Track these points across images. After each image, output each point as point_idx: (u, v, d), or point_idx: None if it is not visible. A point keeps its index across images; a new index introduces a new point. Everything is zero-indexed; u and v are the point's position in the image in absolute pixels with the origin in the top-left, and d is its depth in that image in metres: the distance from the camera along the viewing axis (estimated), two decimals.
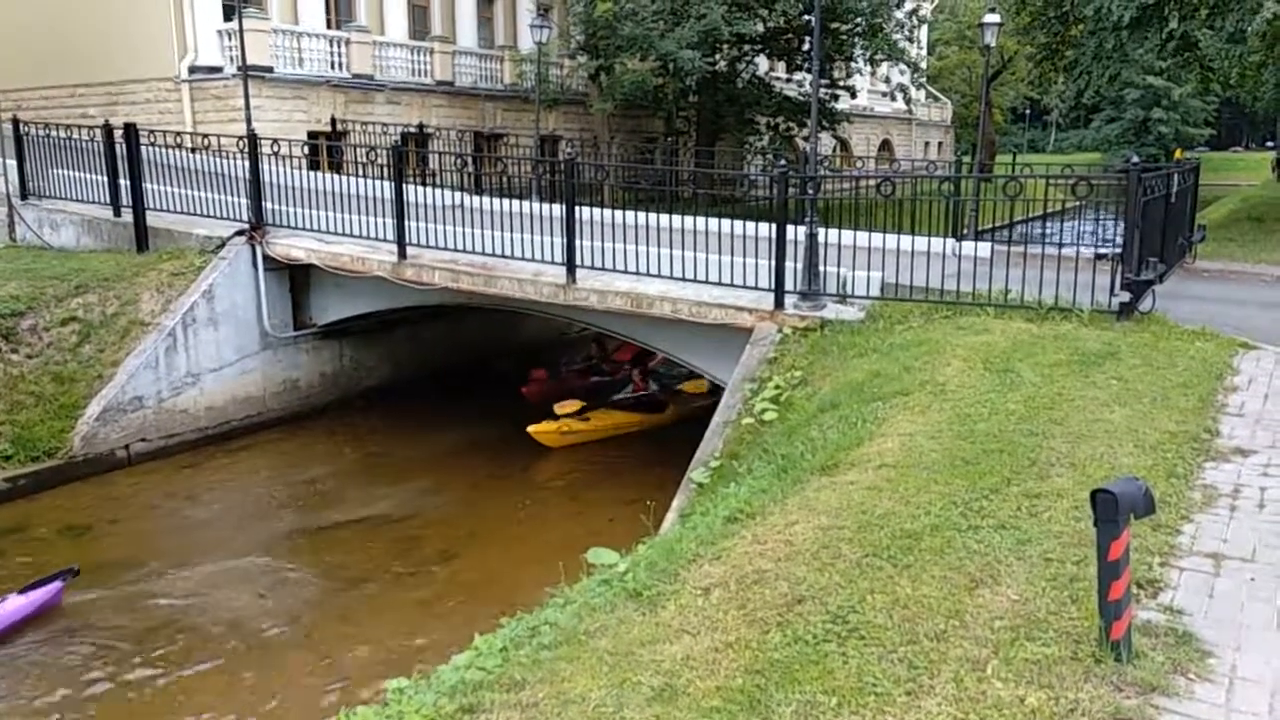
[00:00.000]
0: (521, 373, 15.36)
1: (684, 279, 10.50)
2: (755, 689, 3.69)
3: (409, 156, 15.36)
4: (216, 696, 7.32)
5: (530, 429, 12.55)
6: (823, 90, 26.76)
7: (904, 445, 6.20)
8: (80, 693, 7.38)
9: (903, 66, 30.41)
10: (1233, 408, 6.96)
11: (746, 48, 27.88)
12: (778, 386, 8.82)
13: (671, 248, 10.58)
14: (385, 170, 12.66)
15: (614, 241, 10.87)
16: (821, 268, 10.14)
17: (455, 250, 11.95)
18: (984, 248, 12.32)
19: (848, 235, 10.87)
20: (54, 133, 15.28)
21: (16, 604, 8.19)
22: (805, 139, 27.00)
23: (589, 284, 11.05)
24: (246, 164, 13.47)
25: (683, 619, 4.30)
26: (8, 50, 22.16)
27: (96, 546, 9.98)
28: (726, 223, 10.44)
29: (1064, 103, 38.38)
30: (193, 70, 20.82)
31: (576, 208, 10.97)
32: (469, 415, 13.93)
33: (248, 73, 16.95)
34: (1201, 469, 5.78)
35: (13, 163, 15.55)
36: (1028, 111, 76.13)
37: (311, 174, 13.96)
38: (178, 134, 14.79)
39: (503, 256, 11.68)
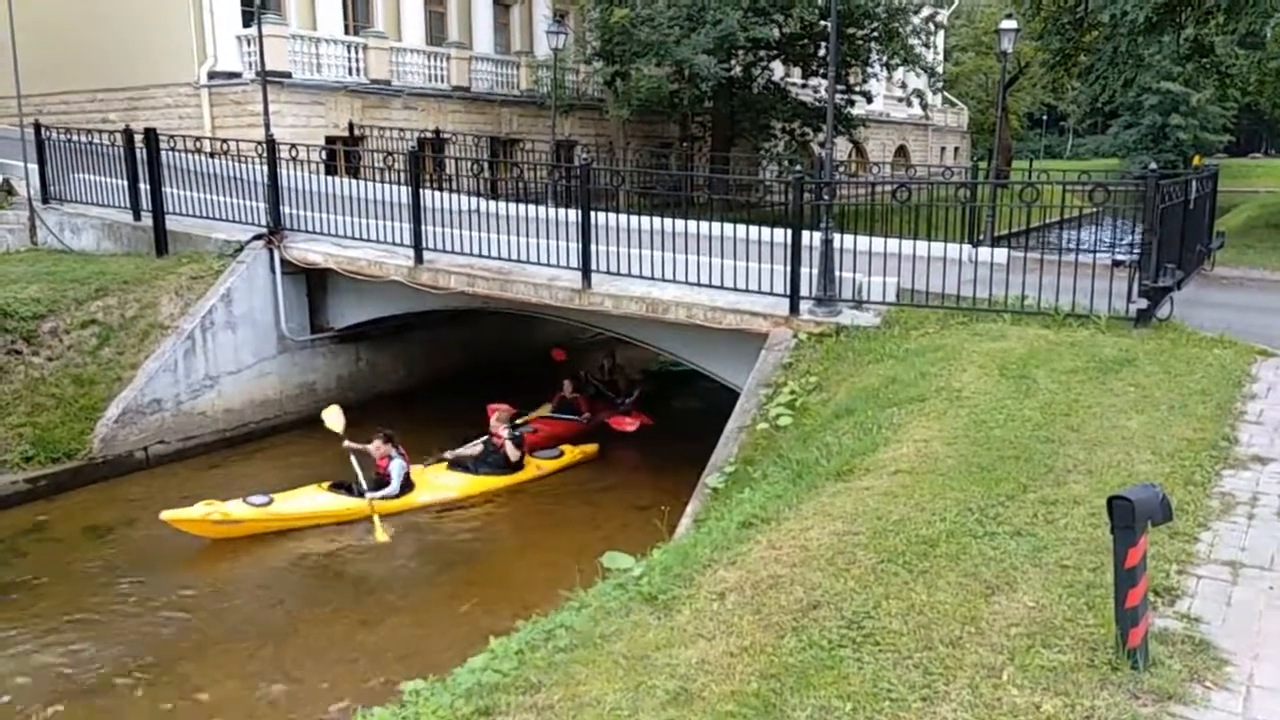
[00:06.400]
0: (537, 377, 15.39)
1: (699, 284, 10.50)
2: (770, 694, 3.69)
3: (425, 161, 15.41)
4: (228, 697, 7.36)
5: (166, 515, 9.86)
6: (839, 96, 26.71)
7: (919, 451, 6.20)
8: (86, 689, 7.45)
9: (919, 72, 30.39)
10: (1251, 415, 6.92)
11: (762, 53, 27.85)
12: (793, 392, 8.82)
13: (687, 253, 10.59)
14: (402, 175, 12.72)
15: (629, 246, 10.90)
16: (837, 273, 10.13)
17: (471, 255, 12.00)
18: (1000, 254, 12.27)
19: (863, 241, 10.86)
20: (75, 137, 15.42)
21: None
22: (821, 144, 26.97)
23: (604, 289, 11.08)
24: (265, 169, 13.57)
25: (698, 623, 4.31)
26: (30, 56, 22.28)
27: (116, 547, 10.06)
28: (742, 228, 10.44)
29: (1079, 108, 38.17)
30: (212, 76, 21.00)
31: (592, 213, 11.01)
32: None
33: (266, 78, 17.07)
34: (1219, 476, 5.76)
35: (34, 167, 15.69)
36: (1044, 117, 75.81)
37: (329, 179, 14.03)
38: (197, 139, 14.92)
39: (518, 261, 11.72)
